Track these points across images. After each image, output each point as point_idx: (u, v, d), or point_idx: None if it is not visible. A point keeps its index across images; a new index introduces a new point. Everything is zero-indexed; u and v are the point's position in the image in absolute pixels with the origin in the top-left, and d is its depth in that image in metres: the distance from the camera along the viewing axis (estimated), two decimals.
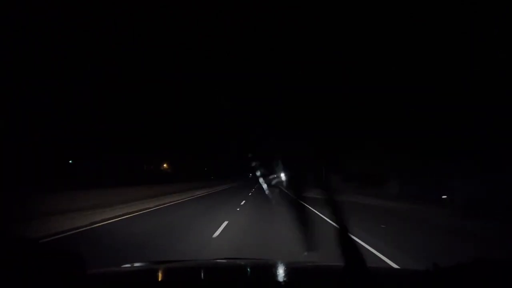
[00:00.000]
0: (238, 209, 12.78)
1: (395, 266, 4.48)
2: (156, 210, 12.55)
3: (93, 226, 8.22)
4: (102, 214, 10.23)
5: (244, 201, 16.43)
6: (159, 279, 1.35)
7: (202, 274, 1.51)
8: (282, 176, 54.11)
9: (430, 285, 1.10)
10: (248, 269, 1.60)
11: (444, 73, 16.99)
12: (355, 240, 1.24)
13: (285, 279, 1.33)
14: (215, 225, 7.84)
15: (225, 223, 8.30)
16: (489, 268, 0.95)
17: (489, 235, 7.28)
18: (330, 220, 7.29)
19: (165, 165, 52.86)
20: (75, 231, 7.33)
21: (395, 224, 8.97)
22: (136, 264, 1.78)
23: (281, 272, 1.47)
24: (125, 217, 10.08)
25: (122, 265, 1.67)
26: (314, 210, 10.87)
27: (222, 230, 7.28)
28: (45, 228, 7.24)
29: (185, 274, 1.49)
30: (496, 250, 5.65)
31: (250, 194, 23.04)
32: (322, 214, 9.75)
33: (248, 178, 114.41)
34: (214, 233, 6.88)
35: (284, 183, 55.44)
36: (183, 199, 18.74)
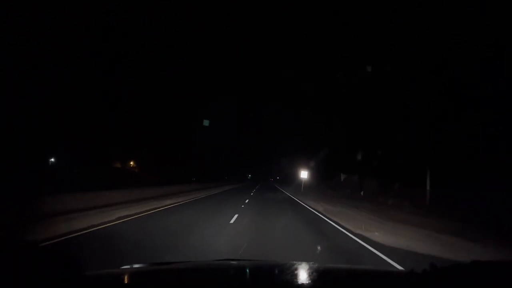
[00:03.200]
0: None
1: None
2: None
3: None
4: None
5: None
6: (159, 281, 1.34)
7: (203, 275, 1.51)
8: (304, 175, 29.50)
9: (428, 286, 1.12)
10: (250, 271, 1.60)
11: None
12: None
13: (286, 281, 1.32)
14: None
15: None
16: (485, 269, 0.97)
17: None
18: None
19: (131, 163, 44.23)
20: None
21: None
22: (136, 266, 1.77)
23: (282, 273, 1.46)
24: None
25: (121, 266, 1.66)
26: None
27: None
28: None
29: (186, 275, 1.49)
30: None
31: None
32: None
33: (247, 179, 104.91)
34: None
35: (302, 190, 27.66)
36: None
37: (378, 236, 7.13)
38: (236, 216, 9.64)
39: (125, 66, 46.62)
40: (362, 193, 19.57)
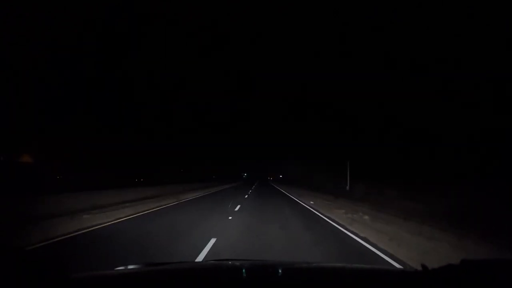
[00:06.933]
0: None
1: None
2: None
3: None
4: None
5: None
6: (154, 282, 1.32)
7: (200, 276, 1.49)
8: None
9: (418, 286, 1.12)
10: (247, 270, 1.58)
11: None
12: None
13: (284, 279, 1.32)
14: None
15: None
16: (476, 269, 0.96)
17: None
18: None
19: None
20: None
21: None
22: (130, 267, 1.75)
23: (280, 273, 1.45)
24: None
25: (115, 267, 1.63)
26: None
27: None
28: None
29: (182, 276, 1.46)
30: None
31: None
32: None
33: (241, 179, 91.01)
34: None
35: None
36: None
37: None
38: None
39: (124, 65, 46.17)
40: None
